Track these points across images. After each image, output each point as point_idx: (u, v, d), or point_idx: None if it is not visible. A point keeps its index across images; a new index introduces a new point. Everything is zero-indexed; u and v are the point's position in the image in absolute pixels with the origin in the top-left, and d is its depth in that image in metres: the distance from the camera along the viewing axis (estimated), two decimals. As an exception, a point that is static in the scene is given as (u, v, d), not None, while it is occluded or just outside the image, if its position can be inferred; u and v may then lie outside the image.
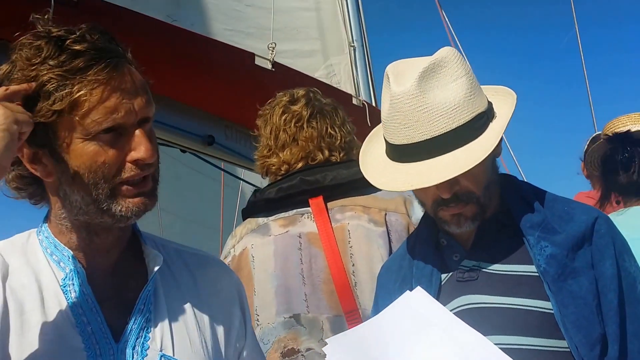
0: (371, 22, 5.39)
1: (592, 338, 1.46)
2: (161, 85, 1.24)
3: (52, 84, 1.15)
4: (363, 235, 2.13)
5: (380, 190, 2.17)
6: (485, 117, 1.55)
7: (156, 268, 1.31)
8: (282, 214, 2.21)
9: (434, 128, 1.49)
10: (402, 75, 1.54)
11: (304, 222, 2.19)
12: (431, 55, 1.55)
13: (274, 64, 3.90)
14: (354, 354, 1.53)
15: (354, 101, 4.38)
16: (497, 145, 1.53)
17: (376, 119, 4.32)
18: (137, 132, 1.20)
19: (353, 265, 2.11)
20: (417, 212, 2.15)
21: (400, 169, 1.56)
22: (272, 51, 3.90)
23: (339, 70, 4.92)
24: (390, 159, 1.60)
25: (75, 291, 1.24)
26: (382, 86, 1.62)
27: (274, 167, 2.25)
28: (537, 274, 1.52)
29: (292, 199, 2.19)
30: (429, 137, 1.49)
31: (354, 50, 5.01)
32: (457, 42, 6.26)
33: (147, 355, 1.24)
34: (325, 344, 1.89)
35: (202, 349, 1.31)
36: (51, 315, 1.22)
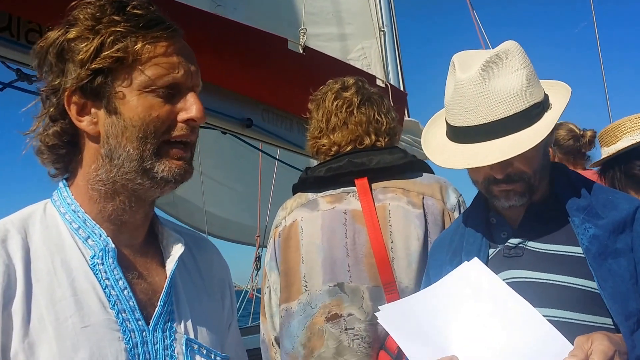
0: (401, 7, 5.49)
1: (627, 310, 1.54)
2: (202, 71, 1.27)
3: (115, 35, 1.17)
4: (402, 215, 2.28)
5: (424, 165, 2.42)
6: (540, 107, 1.65)
7: (180, 253, 1.30)
8: (330, 192, 2.38)
9: (493, 113, 1.60)
10: (467, 64, 1.66)
11: (349, 200, 2.34)
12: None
13: (305, 48, 4.01)
14: (406, 319, 1.59)
15: (378, 82, 4.46)
16: (550, 133, 1.63)
17: (398, 99, 4.50)
18: (191, 93, 1.23)
19: (392, 242, 2.25)
20: (452, 199, 2.34)
21: (458, 149, 1.68)
22: (303, 36, 4.02)
23: (369, 54, 5.01)
24: (450, 139, 1.72)
25: (105, 272, 1.21)
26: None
27: (324, 148, 2.42)
28: (578, 255, 1.62)
29: (340, 178, 2.35)
30: (488, 121, 1.61)
31: (384, 34, 5.08)
32: (482, 30, 6.28)
33: (175, 338, 1.25)
34: (371, 313, 2.14)
35: (213, 330, 1.34)
36: (85, 299, 1.18)
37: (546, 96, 1.69)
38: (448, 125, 1.73)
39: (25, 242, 1.18)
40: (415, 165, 2.42)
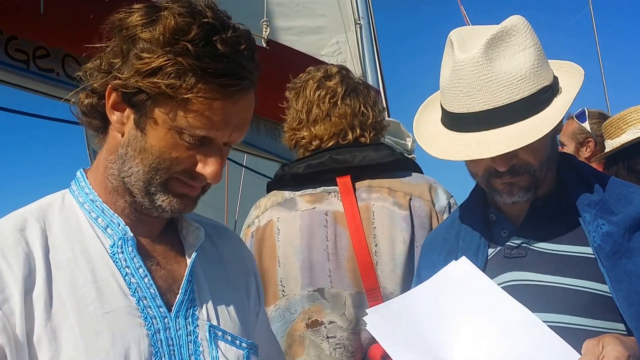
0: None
1: None
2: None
3: (179, 68, 1.13)
4: (387, 216, 2.15)
5: (413, 163, 2.32)
6: (550, 91, 1.50)
7: (200, 242, 1.34)
8: (309, 190, 2.23)
9: (497, 98, 1.45)
10: (468, 42, 1.50)
11: (330, 200, 2.21)
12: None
13: (269, 41, 3.81)
14: (394, 324, 1.51)
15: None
16: (560, 121, 1.49)
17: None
18: (218, 153, 1.23)
19: (376, 245, 2.13)
20: (442, 200, 2.20)
21: (455, 138, 1.53)
22: (267, 28, 3.79)
23: (345, 49, 4.82)
24: (446, 127, 1.57)
25: (125, 259, 1.24)
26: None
27: (304, 141, 2.26)
28: (587, 256, 1.50)
29: (320, 176, 2.20)
30: (491, 108, 1.45)
31: (360, 28, 4.90)
32: (466, 16, 6.08)
33: (198, 325, 1.28)
34: (354, 321, 2.06)
35: (237, 318, 1.36)
36: (105, 286, 1.21)
37: (555, 78, 1.55)
38: (444, 111, 1.58)
39: (44, 231, 1.22)
40: (402, 164, 2.26)
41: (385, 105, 5.03)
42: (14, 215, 1.24)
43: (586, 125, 3.61)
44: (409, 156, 2.90)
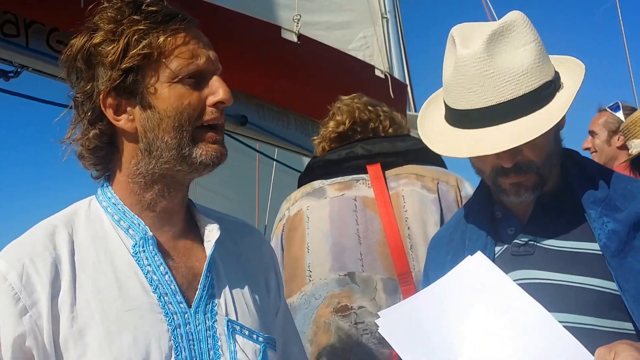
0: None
1: None
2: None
3: (139, 34, 1.25)
4: (417, 200, 2.18)
5: (437, 155, 2.24)
6: (552, 86, 1.49)
7: (216, 237, 1.37)
8: (339, 179, 2.27)
9: (500, 94, 1.44)
10: (469, 38, 1.48)
11: (359, 187, 2.24)
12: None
13: (300, 36, 3.80)
14: (406, 325, 1.48)
15: (377, 72, 4.26)
16: (563, 116, 1.47)
17: (398, 91, 4.26)
18: (215, 77, 1.31)
19: (408, 228, 2.15)
20: (468, 189, 2.20)
21: (459, 135, 1.51)
22: (298, 23, 3.80)
23: (372, 43, 4.80)
24: (450, 124, 1.55)
25: (147, 258, 1.30)
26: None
27: (329, 130, 2.36)
28: (595, 252, 1.48)
29: (351, 164, 2.26)
30: (495, 103, 1.44)
31: (387, 21, 4.89)
32: (492, 11, 6.04)
33: (216, 320, 1.32)
34: (384, 306, 2.01)
35: (256, 312, 1.40)
36: (127, 286, 1.27)
37: (557, 74, 1.53)
38: (447, 108, 1.56)
39: (71, 236, 1.29)
40: (429, 153, 2.24)
41: (411, 98, 5.04)
42: (45, 222, 1.32)
43: (620, 115, 3.58)
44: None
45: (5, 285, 1.20)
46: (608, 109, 3.65)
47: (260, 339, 1.37)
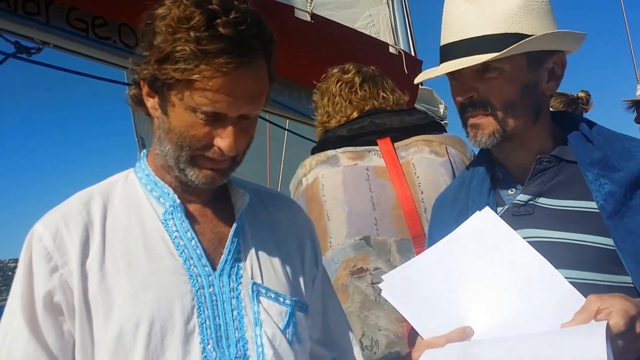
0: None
1: None
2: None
3: (183, 54, 1.24)
4: (427, 165, 2.26)
5: (443, 128, 2.43)
6: (519, 39, 1.52)
7: (244, 206, 1.45)
8: (351, 148, 2.35)
9: (466, 32, 1.55)
10: None
11: (371, 158, 2.32)
12: None
13: (313, 15, 3.91)
14: (411, 288, 1.49)
15: (391, 49, 4.35)
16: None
17: (413, 67, 4.37)
18: (230, 126, 1.30)
19: (422, 192, 2.22)
20: (471, 151, 2.33)
21: (436, 68, 1.64)
22: (311, 3, 3.91)
23: (377, 21, 4.86)
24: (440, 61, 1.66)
25: (175, 224, 1.38)
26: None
27: (333, 122, 2.44)
28: (592, 210, 1.50)
29: (362, 137, 2.34)
30: (459, 39, 1.56)
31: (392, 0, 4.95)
32: None
33: (241, 282, 1.39)
34: (392, 265, 2.09)
35: (284, 277, 1.46)
36: (155, 249, 1.35)
37: (540, 37, 1.54)
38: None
39: (105, 204, 1.39)
40: (436, 125, 2.42)
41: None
42: (84, 191, 1.42)
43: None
44: (441, 122, 3.05)
45: (40, 246, 1.31)
46: None
47: (288, 301, 1.43)
